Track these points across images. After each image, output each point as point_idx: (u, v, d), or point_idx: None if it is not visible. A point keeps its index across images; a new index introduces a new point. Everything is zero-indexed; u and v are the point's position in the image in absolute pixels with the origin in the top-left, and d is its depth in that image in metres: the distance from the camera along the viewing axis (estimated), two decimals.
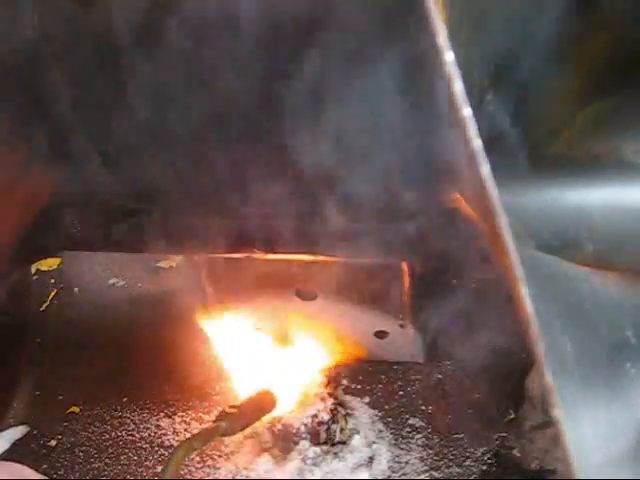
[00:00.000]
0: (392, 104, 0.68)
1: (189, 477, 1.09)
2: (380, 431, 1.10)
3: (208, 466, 1.11)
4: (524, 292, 0.39)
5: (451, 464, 1.05)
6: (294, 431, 1.11)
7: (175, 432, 1.16)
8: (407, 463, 1.06)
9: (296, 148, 0.74)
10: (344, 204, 0.80)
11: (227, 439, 1.12)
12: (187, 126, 0.76)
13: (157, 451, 1.14)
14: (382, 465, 1.06)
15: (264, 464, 1.08)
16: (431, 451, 1.07)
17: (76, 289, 1.44)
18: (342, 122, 0.71)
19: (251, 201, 0.82)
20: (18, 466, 0.64)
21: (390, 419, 1.12)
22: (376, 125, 0.70)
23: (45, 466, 1.13)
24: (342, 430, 1.10)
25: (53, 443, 1.18)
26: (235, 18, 0.64)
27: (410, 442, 1.09)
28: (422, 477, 1.04)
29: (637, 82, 0.69)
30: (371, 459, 1.07)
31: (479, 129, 0.39)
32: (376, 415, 1.12)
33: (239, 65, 0.68)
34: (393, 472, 1.06)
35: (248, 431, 1.11)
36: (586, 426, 0.49)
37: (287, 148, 0.75)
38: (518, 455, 1.03)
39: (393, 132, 0.70)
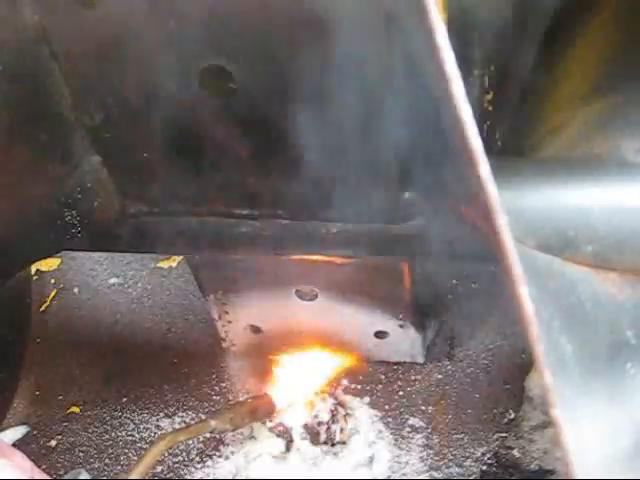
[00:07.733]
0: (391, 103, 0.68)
1: (189, 477, 1.09)
2: (380, 431, 1.10)
3: (208, 466, 1.11)
4: (524, 292, 0.39)
5: (451, 464, 1.05)
6: (294, 431, 1.11)
7: None
8: (407, 463, 1.06)
9: (295, 147, 0.74)
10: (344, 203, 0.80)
11: (228, 439, 1.12)
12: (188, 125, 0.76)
13: None
14: (382, 465, 1.06)
15: (264, 464, 1.08)
16: (431, 451, 1.07)
17: (76, 289, 1.44)
18: (340, 121, 0.71)
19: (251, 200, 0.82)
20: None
21: (390, 419, 1.12)
22: (375, 124, 0.70)
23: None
24: (342, 430, 1.10)
25: (53, 443, 1.18)
26: None
27: (410, 442, 1.09)
28: (422, 477, 1.04)
29: (637, 82, 0.69)
30: (371, 459, 1.07)
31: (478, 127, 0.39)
32: (376, 415, 1.12)
33: None
34: (393, 472, 1.06)
35: (248, 432, 1.11)
36: (586, 426, 0.49)
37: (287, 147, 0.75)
38: (518, 455, 1.03)
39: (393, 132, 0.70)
